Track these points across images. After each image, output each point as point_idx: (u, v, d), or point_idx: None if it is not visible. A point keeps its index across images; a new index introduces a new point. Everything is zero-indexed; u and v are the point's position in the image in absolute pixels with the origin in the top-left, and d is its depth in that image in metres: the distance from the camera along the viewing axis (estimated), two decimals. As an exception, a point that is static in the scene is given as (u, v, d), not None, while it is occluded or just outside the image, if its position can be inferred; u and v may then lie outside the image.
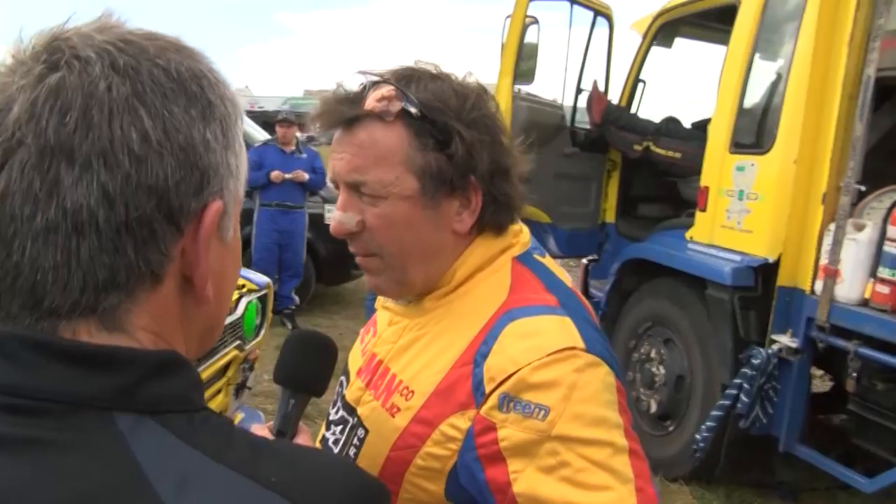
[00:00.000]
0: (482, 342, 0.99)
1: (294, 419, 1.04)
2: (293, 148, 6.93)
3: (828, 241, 3.25)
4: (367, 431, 1.09)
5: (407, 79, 1.03)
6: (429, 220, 1.04)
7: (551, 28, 5.63)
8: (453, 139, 1.00)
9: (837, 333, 3.23)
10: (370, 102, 1.01)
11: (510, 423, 0.93)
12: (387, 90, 1.01)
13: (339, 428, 1.15)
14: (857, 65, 3.26)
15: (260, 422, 3.69)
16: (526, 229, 1.16)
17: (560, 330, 0.97)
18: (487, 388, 0.95)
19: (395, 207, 1.02)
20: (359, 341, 1.31)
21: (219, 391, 3.18)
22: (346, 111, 1.02)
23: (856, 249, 3.12)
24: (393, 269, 1.06)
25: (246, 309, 3.30)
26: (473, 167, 1.02)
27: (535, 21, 5.25)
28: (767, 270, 3.83)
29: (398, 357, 1.10)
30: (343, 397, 1.19)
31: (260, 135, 8.03)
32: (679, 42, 5.79)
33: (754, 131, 4.15)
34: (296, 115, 7.39)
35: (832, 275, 3.18)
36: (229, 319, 3.14)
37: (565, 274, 1.16)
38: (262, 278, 3.60)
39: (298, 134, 7.20)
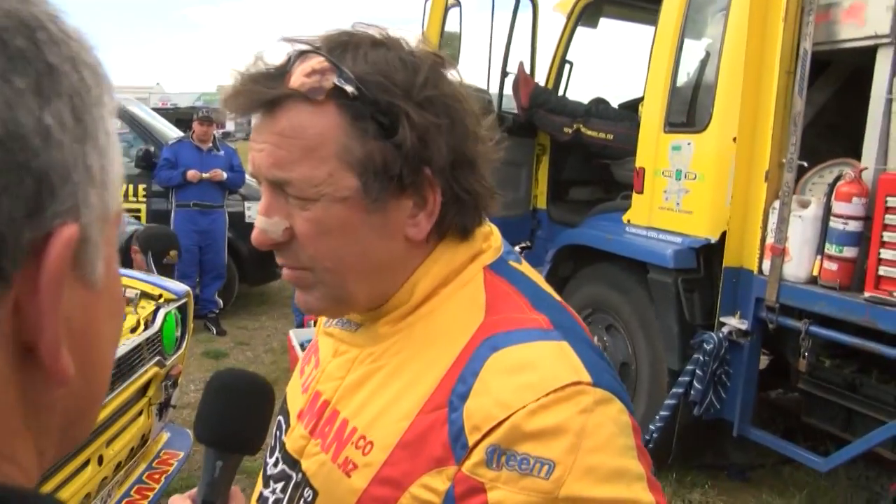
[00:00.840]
0: (458, 379, 0.79)
1: (223, 485, 0.84)
2: (210, 145, 6.58)
3: (773, 219, 3.18)
4: (315, 493, 0.88)
5: (342, 47, 0.81)
6: (374, 227, 0.83)
7: (474, 12, 5.44)
8: (401, 124, 0.79)
9: (787, 313, 3.17)
10: (296, 79, 0.79)
11: (503, 484, 0.73)
12: (316, 62, 0.79)
13: (280, 485, 0.94)
14: (793, 39, 3.19)
15: (188, 441, 3.42)
16: (496, 231, 0.95)
17: (558, 359, 0.78)
18: (471, 440, 0.75)
19: (329, 212, 0.81)
20: (297, 373, 1.08)
21: (140, 413, 2.90)
22: (265, 91, 0.80)
23: (802, 227, 3.06)
24: (328, 284, 0.85)
25: (164, 321, 3.03)
26: (428, 158, 0.81)
27: (458, 4, 5.08)
28: (709, 251, 3.76)
29: (348, 397, 0.89)
30: (283, 445, 0.97)
31: (173, 133, 7.62)
32: (604, 22, 5.71)
33: (688, 110, 4.07)
34: (215, 111, 7.03)
35: (779, 253, 3.11)
36: (146, 334, 2.87)
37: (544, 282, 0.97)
38: (180, 286, 3.32)
39: (214, 131, 6.84)
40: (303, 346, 5.38)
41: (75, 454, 2.38)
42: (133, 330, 2.85)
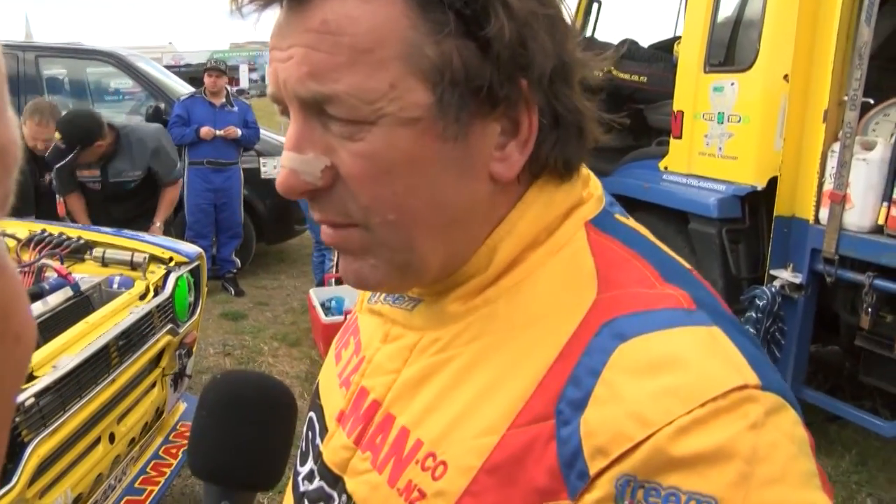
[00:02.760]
0: (569, 380, 0.56)
1: None
2: (223, 101, 6.32)
3: (832, 163, 2.90)
4: None
5: None
6: (451, 162, 0.60)
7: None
8: (492, 12, 0.55)
9: (847, 265, 2.91)
10: None
11: None
12: None
13: None
14: (859, -40, 2.87)
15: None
16: (592, 174, 0.71)
17: (712, 353, 0.54)
18: (592, 466, 0.52)
19: (390, 140, 0.58)
20: (331, 358, 0.85)
21: (153, 385, 2.73)
22: None
23: (866, 171, 2.78)
24: (390, 246, 0.62)
25: (176, 286, 2.83)
26: (526, 64, 0.57)
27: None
28: (755, 199, 3.51)
29: (406, 397, 0.66)
30: (319, 455, 0.75)
31: (185, 90, 7.37)
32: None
33: (731, 48, 3.78)
34: (225, 65, 6.77)
35: (840, 200, 2.84)
36: (157, 300, 2.67)
37: None
38: (192, 248, 3.11)
39: (227, 87, 6.57)
40: (324, 306, 5.20)
41: (85, 432, 2.21)
42: (142, 297, 2.66)
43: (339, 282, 5.78)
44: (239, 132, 6.23)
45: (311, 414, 0.82)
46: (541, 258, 0.64)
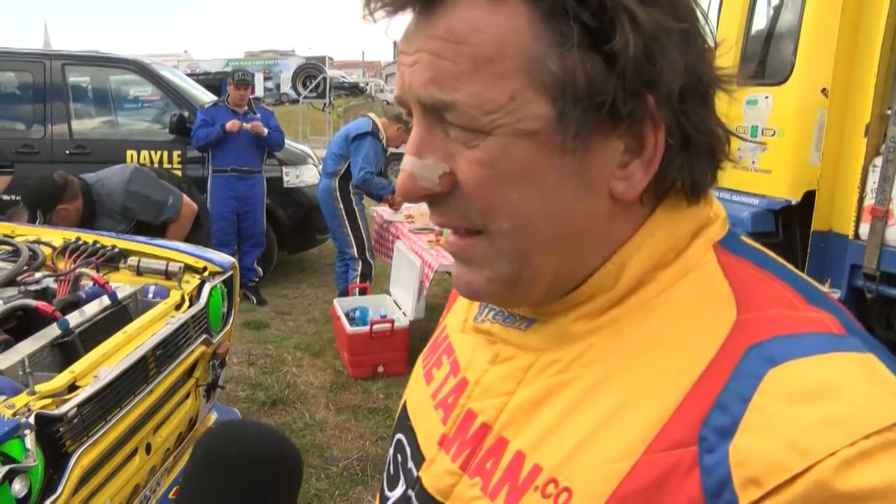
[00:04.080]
0: (714, 405, 0.53)
1: None
2: (245, 108, 6.35)
3: (874, 177, 2.86)
4: None
5: None
6: (569, 175, 0.58)
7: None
8: (619, 25, 0.54)
9: (890, 281, 2.87)
10: None
11: None
12: None
13: None
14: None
15: (238, 418, 3.25)
16: (714, 195, 0.68)
17: (872, 381, 0.51)
18: (743, 497, 0.49)
19: (507, 150, 0.57)
20: (419, 378, 0.83)
21: (187, 395, 2.71)
22: None
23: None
24: (506, 257, 0.61)
25: (210, 296, 2.82)
26: (653, 80, 0.56)
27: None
28: (789, 214, 3.47)
29: (522, 421, 0.64)
30: (416, 481, 0.72)
31: (207, 98, 7.40)
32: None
33: (764, 60, 3.75)
34: (252, 76, 6.79)
35: (882, 216, 2.80)
36: (192, 311, 2.66)
37: None
38: (226, 258, 3.11)
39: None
40: (348, 316, 5.19)
41: (123, 442, 2.20)
42: (178, 307, 2.65)
43: (362, 292, 5.77)
44: (266, 130, 6.25)
45: (400, 436, 0.80)
46: (670, 278, 0.62)
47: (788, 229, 3.54)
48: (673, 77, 0.56)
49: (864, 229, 2.93)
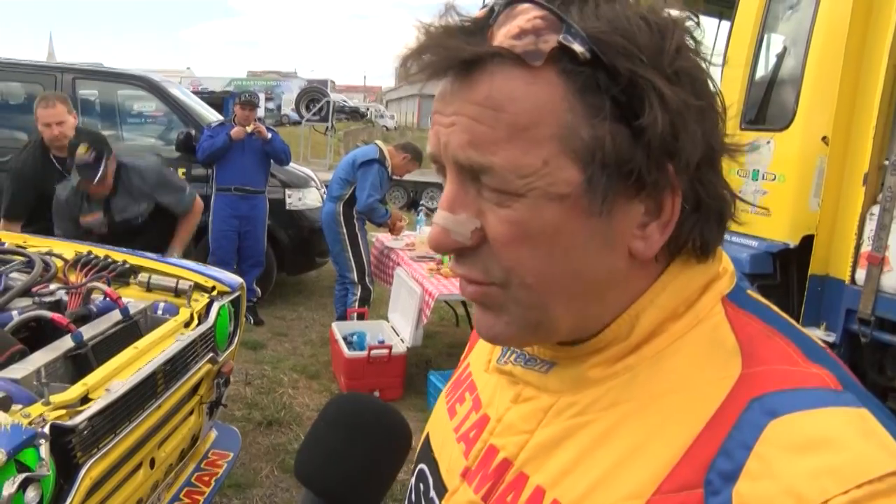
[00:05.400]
0: (720, 452, 0.58)
1: None
2: (250, 128, 6.41)
3: (871, 225, 2.94)
4: None
5: None
6: (593, 236, 0.63)
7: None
8: (647, 102, 0.59)
9: (884, 327, 2.93)
10: (504, 37, 0.60)
11: None
12: (533, 15, 0.59)
13: None
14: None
15: (237, 440, 3.27)
16: (723, 251, 0.74)
17: (864, 434, 0.56)
18: None
19: (537, 212, 0.61)
20: (442, 412, 0.88)
21: (191, 412, 2.74)
22: (462, 47, 0.60)
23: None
24: (524, 306, 0.65)
25: (218, 315, 2.86)
26: (675, 151, 0.60)
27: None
28: (786, 256, 3.54)
29: (541, 458, 0.69)
30: None
31: (213, 117, 7.47)
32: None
33: (766, 106, 3.84)
34: (258, 97, 6.89)
35: (878, 263, 2.88)
36: (201, 329, 2.70)
37: None
38: (234, 278, 3.15)
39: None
40: (346, 340, 5.21)
41: (129, 456, 2.23)
42: (187, 325, 2.69)
43: (360, 316, 5.81)
44: (269, 134, 6.32)
45: (423, 466, 0.84)
46: (680, 329, 0.66)
47: (786, 272, 3.60)
48: (693, 149, 0.61)
49: (861, 275, 3.00)
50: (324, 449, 0.68)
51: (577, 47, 0.58)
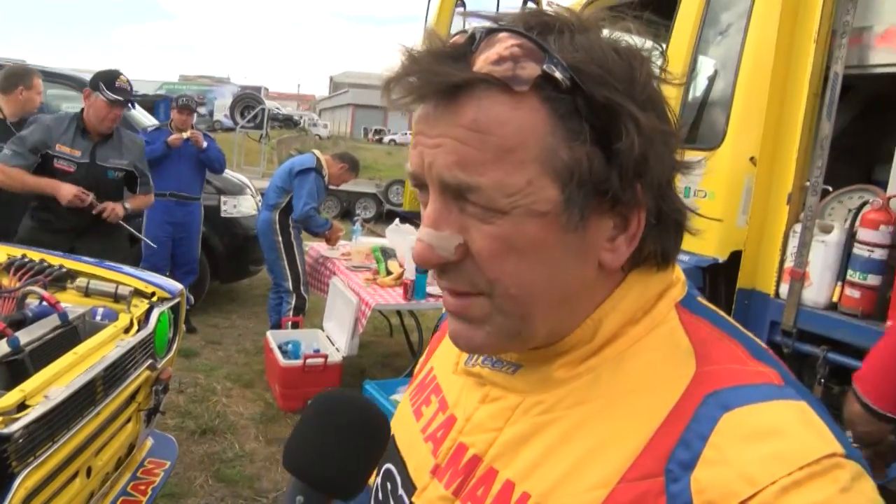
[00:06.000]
0: (679, 443, 0.64)
1: None
2: (187, 135, 6.32)
3: (793, 242, 3.09)
4: None
5: (542, 28, 0.66)
6: (568, 249, 0.68)
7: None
8: (624, 128, 0.64)
9: (804, 338, 3.08)
10: (484, 62, 0.64)
11: None
12: (512, 43, 0.64)
13: None
14: (822, 61, 3.11)
15: (173, 449, 3.21)
16: (676, 263, 0.81)
17: (804, 424, 0.63)
18: None
19: (520, 227, 0.66)
20: (408, 415, 0.92)
21: (128, 420, 2.69)
22: (449, 72, 0.64)
23: (824, 252, 2.97)
24: (507, 315, 0.70)
25: (158, 321, 2.82)
26: (645, 171, 0.67)
27: (462, 4, 4.94)
28: (715, 271, 3.68)
29: (510, 454, 0.74)
30: None
31: (149, 121, 7.32)
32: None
33: (699, 126, 3.99)
34: (196, 102, 6.78)
35: (799, 278, 3.03)
36: (141, 335, 2.66)
37: None
38: (174, 284, 3.11)
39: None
40: (281, 349, 5.18)
41: (65, 466, 2.18)
42: (127, 330, 2.65)
43: (295, 325, 5.77)
44: (205, 144, 6.24)
45: (389, 466, 0.88)
46: (638, 333, 0.73)
47: (715, 286, 3.73)
48: (660, 170, 0.68)
49: (784, 289, 3.14)
50: (317, 443, 0.70)
51: (559, 75, 0.64)
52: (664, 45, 4.24)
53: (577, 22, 0.68)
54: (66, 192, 3.94)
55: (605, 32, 0.70)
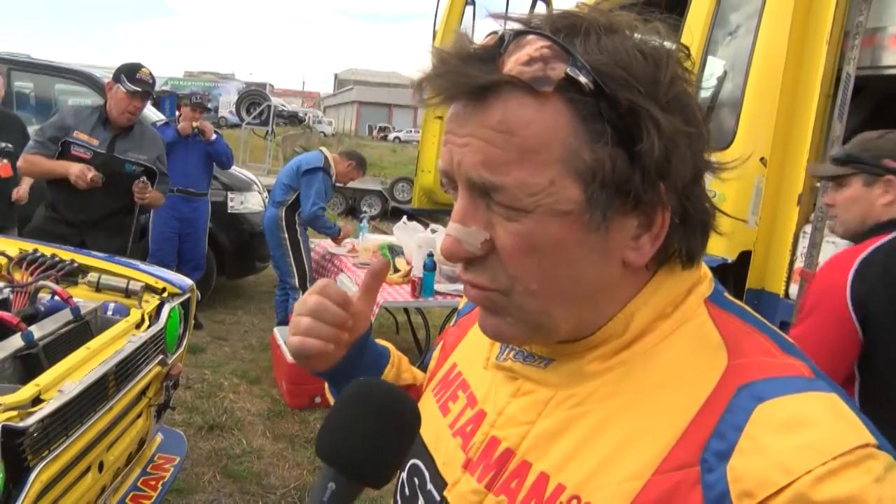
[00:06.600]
0: (713, 434, 0.65)
1: None
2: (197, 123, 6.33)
3: (803, 243, 3.09)
4: None
5: (569, 30, 0.67)
6: (591, 248, 0.69)
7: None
8: (645, 130, 0.65)
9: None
10: (514, 64, 0.65)
11: None
12: (540, 46, 0.65)
13: None
14: (835, 62, 3.11)
15: (182, 445, 3.22)
16: (702, 260, 0.81)
17: (837, 416, 0.64)
18: None
19: (542, 226, 0.68)
20: (434, 411, 0.92)
21: (139, 415, 2.70)
22: (477, 74, 0.66)
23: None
24: (526, 310, 0.72)
25: (169, 317, 2.83)
26: (668, 172, 0.67)
27: (472, 2, 4.94)
28: (724, 271, 3.68)
29: (543, 447, 0.74)
30: (442, 501, 0.81)
31: (154, 114, 7.33)
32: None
33: (709, 126, 3.99)
34: (208, 100, 6.80)
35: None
36: (152, 331, 2.67)
37: None
38: (185, 280, 3.12)
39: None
40: (288, 346, 5.18)
41: (78, 460, 2.19)
42: (138, 326, 2.65)
43: (303, 321, 5.76)
44: (213, 135, 6.25)
45: (417, 461, 0.88)
46: (669, 328, 0.74)
47: (724, 285, 3.73)
48: (683, 171, 0.69)
49: (794, 289, 3.15)
50: (351, 430, 0.70)
51: (583, 79, 0.64)
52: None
53: (605, 23, 0.68)
54: (74, 168, 4.01)
55: (636, 35, 0.71)
